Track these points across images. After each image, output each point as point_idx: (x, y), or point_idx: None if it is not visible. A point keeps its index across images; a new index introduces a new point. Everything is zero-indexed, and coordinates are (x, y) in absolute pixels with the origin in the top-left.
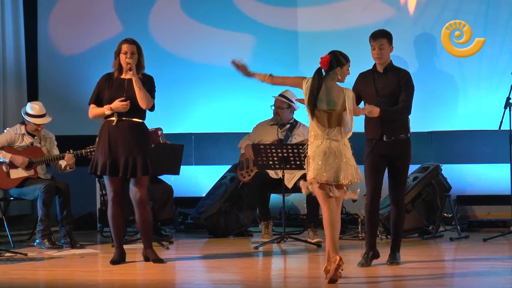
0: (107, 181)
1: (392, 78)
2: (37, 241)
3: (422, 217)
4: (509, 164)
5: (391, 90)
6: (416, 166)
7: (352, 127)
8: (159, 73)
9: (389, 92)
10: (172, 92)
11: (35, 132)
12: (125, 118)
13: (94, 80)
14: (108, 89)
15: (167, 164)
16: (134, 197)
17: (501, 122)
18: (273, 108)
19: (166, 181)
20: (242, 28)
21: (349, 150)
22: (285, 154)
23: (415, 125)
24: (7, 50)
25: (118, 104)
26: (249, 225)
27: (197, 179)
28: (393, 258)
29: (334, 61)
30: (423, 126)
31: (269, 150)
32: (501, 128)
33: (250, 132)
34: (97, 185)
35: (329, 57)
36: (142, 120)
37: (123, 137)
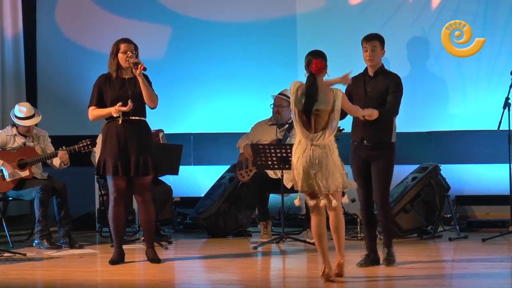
0: (111, 181)
1: (381, 81)
2: (36, 241)
3: (421, 217)
4: (508, 164)
5: (379, 93)
6: (415, 166)
7: (336, 126)
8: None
9: (377, 96)
10: (171, 92)
11: (27, 133)
12: (131, 118)
13: (93, 81)
14: (111, 89)
15: (166, 164)
16: (139, 196)
17: (500, 122)
18: (272, 107)
19: (165, 181)
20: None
21: (335, 153)
22: (284, 154)
23: (414, 125)
24: (6, 49)
25: (122, 108)
26: (248, 225)
27: (196, 179)
28: (389, 255)
29: (326, 64)
30: (422, 126)
31: (267, 150)
32: (500, 128)
33: (249, 131)
34: (96, 185)
35: (324, 62)
36: (144, 119)
37: (132, 137)
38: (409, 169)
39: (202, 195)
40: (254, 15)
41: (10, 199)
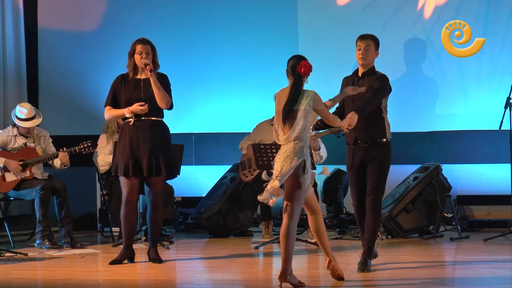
0: (124, 181)
1: (367, 82)
2: (38, 242)
3: (423, 217)
4: (509, 164)
5: (364, 94)
6: (416, 166)
7: (307, 128)
8: None
9: (362, 96)
10: (172, 92)
11: (28, 134)
12: (144, 118)
13: (94, 81)
14: (125, 90)
15: None
16: (151, 196)
17: (502, 122)
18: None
19: (167, 181)
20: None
21: (294, 161)
22: None
23: (415, 125)
24: (7, 49)
25: (137, 108)
26: (249, 225)
27: (198, 179)
28: (364, 264)
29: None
30: (424, 126)
31: (269, 150)
32: (502, 128)
33: (250, 132)
34: (97, 185)
35: (310, 65)
36: (161, 119)
37: (144, 137)
38: (410, 169)
39: (204, 195)
40: (256, 14)
41: (11, 199)
